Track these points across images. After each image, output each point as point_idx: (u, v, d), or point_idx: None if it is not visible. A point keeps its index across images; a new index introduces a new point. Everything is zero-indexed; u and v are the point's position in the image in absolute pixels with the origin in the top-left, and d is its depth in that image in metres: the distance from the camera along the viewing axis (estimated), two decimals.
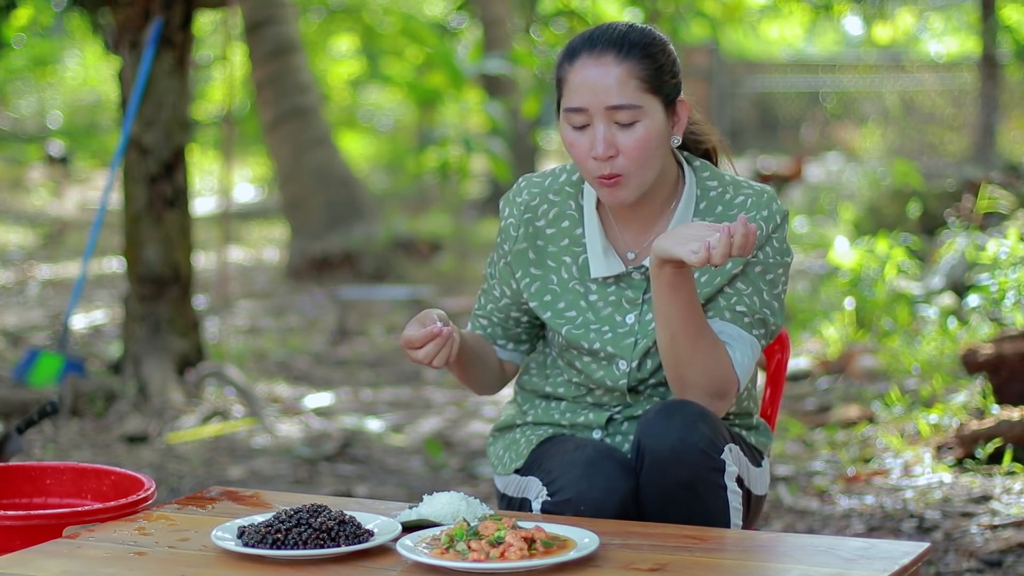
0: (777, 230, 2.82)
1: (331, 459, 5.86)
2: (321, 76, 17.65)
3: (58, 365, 6.52)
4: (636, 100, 2.72)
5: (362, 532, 2.48)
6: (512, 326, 2.97)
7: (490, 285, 2.97)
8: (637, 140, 2.72)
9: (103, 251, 11.03)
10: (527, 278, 2.90)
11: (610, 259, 2.84)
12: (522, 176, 2.97)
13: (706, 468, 2.66)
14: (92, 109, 20.22)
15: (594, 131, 2.73)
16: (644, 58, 2.73)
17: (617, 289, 2.85)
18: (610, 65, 2.72)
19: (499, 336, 2.98)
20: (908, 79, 18.49)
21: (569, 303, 2.86)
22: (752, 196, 2.83)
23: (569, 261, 2.88)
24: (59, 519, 2.73)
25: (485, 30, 14.66)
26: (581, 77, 2.73)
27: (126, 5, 6.55)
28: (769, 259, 2.81)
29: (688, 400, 2.71)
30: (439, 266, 11.59)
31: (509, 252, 2.91)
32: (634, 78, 2.72)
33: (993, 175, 9.34)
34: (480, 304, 3.00)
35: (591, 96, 2.72)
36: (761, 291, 2.81)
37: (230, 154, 9.45)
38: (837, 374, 6.81)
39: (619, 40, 2.74)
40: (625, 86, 2.71)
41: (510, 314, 2.95)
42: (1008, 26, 14.77)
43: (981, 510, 4.61)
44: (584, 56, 2.74)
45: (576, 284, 2.87)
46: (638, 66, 2.72)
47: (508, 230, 2.91)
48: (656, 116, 2.74)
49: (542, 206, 2.90)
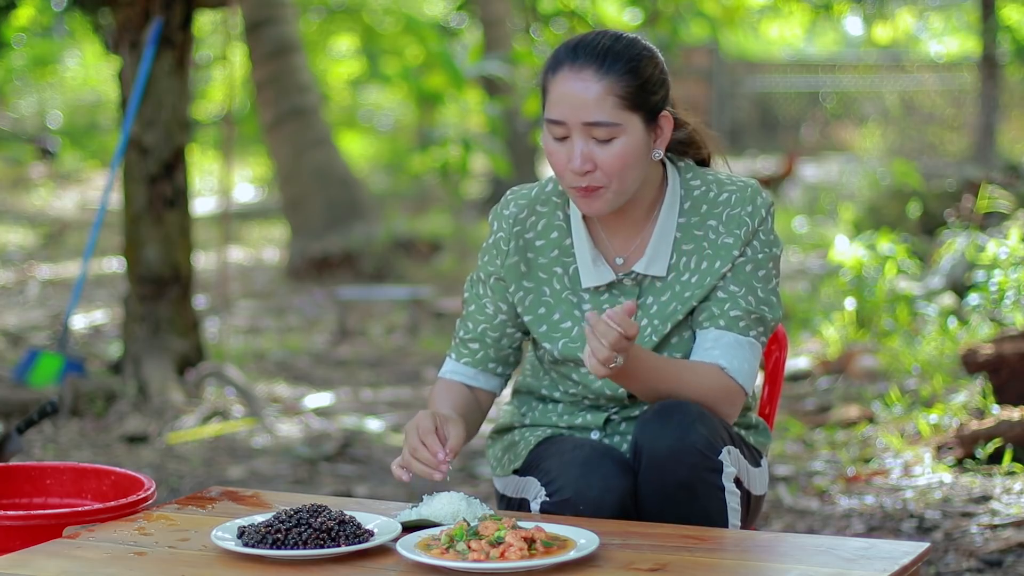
0: (763, 223, 2.82)
1: (331, 459, 5.86)
2: (321, 76, 17.64)
3: (58, 365, 6.52)
4: (614, 117, 2.70)
5: (362, 532, 2.48)
6: (505, 346, 2.91)
7: (479, 306, 2.91)
8: (614, 156, 2.71)
9: (103, 251, 11.02)
10: (520, 291, 2.87)
11: (600, 268, 2.83)
12: (509, 190, 2.95)
13: (704, 469, 2.66)
14: (92, 109, 20.21)
15: (572, 144, 2.71)
16: (625, 74, 2.70)
17: (610, 297, 2.84)
18: (589, 80, 2.70)
19: (490, 360, 2.91)
20: (908, 79, 18.49)
21: (564, 314, 2.85)
22: (736, 192, 2.83)
23: (560, 272, 2.86)
24: (59, 519, 2.73)
25: (485, 30, 14.66)
26: (561, 90, 2.72)
27: (126, 5, 6.56)
28: (758, 254, 2.81)
29: (686, 402, 2.71)
30: (439, 266, 11.59)
31: (502, 267, 2.88)
32: (613, 95, 2.69)
33: (993, 175, 9.34)
34: (468, 329, 2.92)
35: (569, 111, 2.71)
36: (755, 288, 2.81)
37: (230, 154, 9.44)
38: (837, 374, 6.81)
39: (601, 54, 2.71)
40: (603, 103, 2.69)
41: (505, 331, 2.90)
42: (1008, 26, 14.77)
43: (981, 510, 4.61)
44: (566, 68, 2.72)
45: (569, 294, 2.85)
46: (618, 83, 2.70)
47: (499, 244, 2.88)
48: (635, 132, 2.72)
49: (530, 218, 2.88)
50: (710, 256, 2.81)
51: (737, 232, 2.80)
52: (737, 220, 2.81)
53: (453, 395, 2.89)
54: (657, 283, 2.83)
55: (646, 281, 2.83)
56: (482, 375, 2.92)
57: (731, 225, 2.80)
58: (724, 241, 2.80)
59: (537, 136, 14.72)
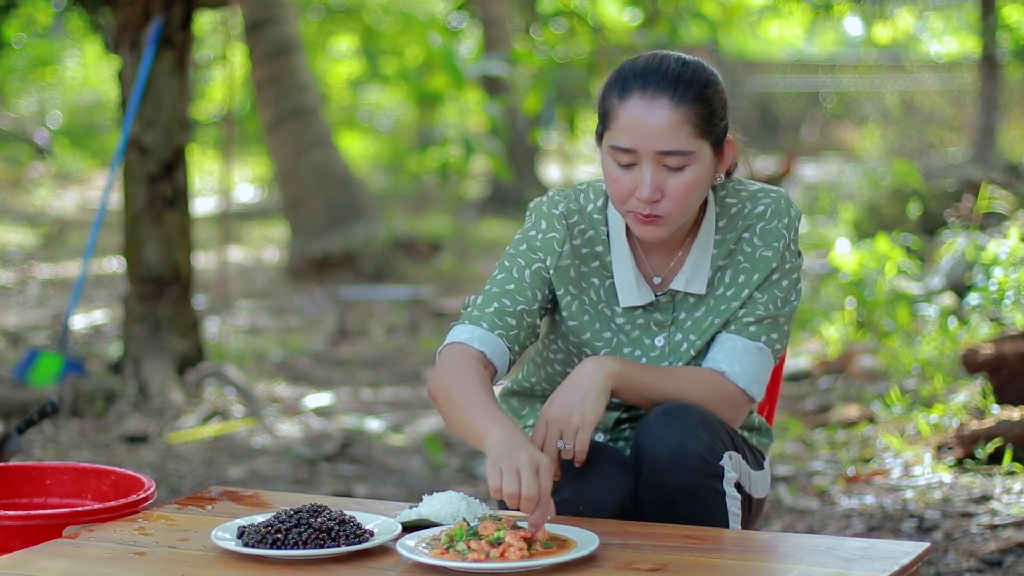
0: (795, 234, 2.83)
1: (331, 459, 5.86)
2: (321, 76, 17.64)
3: (58, 365, 6.52)
4: (688, 146, 2.66)
5: (362, 532, 2.48)
6: (532, 335, 2.82)
7: (521, 287, 2.78)
8: (685, 184, 2.67)
9: (103, 251, 11.02)
10: (568, 296, 2.82)
11: (642, 288, 2.80)
12: (552, 191, 2.88)
13: (704, 474, 2.66)
14: (92, 109, 20.20)
15: (642, 172, 2.67)
16: (697, 102, 2.67)
17: (645, 314, 2.83)
18: (664, 108, 2.65)
19: (518, 341, 2.77)
20: (908, 79, 18.50)
21: (603, 325, 2.83)
22: (771, 205, 2.82)
23: (598, 284, 2.83)
24: (59, 519, 2.73)
25: (485, 30, 14.65)
26: (632, 117, 2.66)
27: (126, 5, 6.56)
28: (786, 264, 2.82)
29: (688, 405, 2.71)
30: (439, 266, 11.59)
31: (551, 266, 2.80)
32: (687, 123, 2.65)
33: (993, 175, 9.33)
34: (503, 305, 2.76)
35: (641, 139, 2.66)
36: (776, 297, 2.81)
37: (230, 154, 9.45)
38: (837, 374, 6.81)
39: (674, 81, 2.67)
40: (678, 131, 2.65)
41: (536, 320, 2.82)
42: (1008, 26, 14.76)
43: (981, 510, 4.61)
44: (636, 95, 2.67)
45: (604, 307, 2.83)
46: (691, 110, 2.66)
47: (551, 244, 2.80)
48: (705, 160, 2.69)
49: (580, 225, 2.83)
50: (747, 269, 2.80)
51: (775, 245, 2.80)
52: (775, 233, 2.80)
53: (486, 380, 2.68)
54: (691, 299, 2.82)
55: (679, 298, 2.82)
56: (506, 355, 2.75)
57: (768, 238, 2.80)
58: (763, 255, 2.79)
59: (537, 135, 14.73)
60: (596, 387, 2.64)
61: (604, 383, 2.65)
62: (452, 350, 2.73)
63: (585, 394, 2.64)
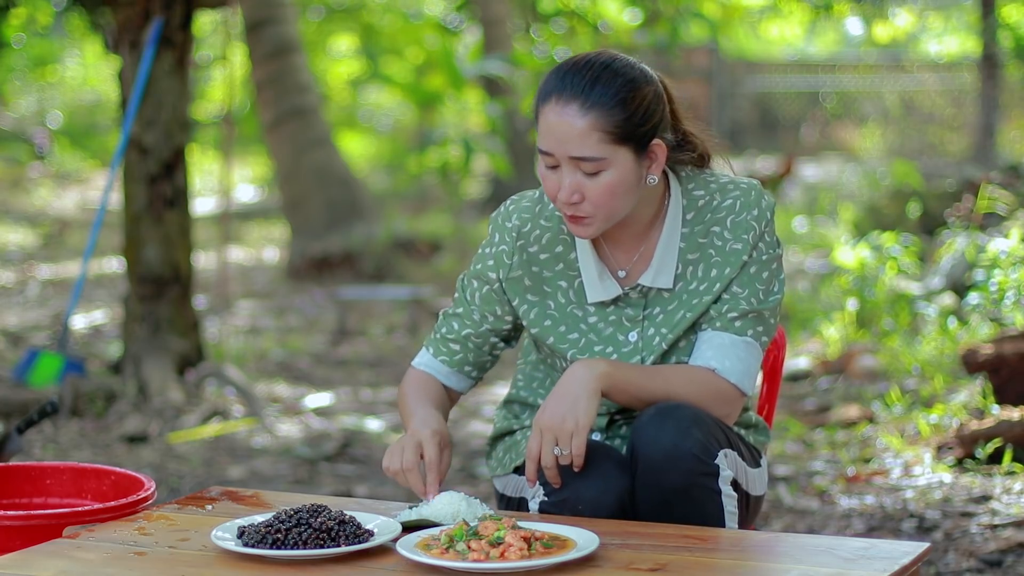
0: (768, 225, 2.82)
1: (331, 459, 5.86)
2: (321, 76, 17.64)
3: (58, 365, 6.52)
4: (599, 152, 2.66)
5: (362, 532, 2.48)
6: (485, 352, 2.91)
7: (467, 310, 2.89)
8: (603, 188, 2.68)
9: (103, 251, 11.02)
10: (524, 305, 2.85)
11: (606, 283, 2.82)
12: (509, 198, 2.92)
13: (699, 473, 2.66)
14: (92, 109, 20.20)
15: (561, 175, 2.70)
16: (612, 108, 2.66)
17: (616, 309, 2.83)
18: (574, 116, 2.66)
19: (467, 363, 2.91)
20: (908, 79, 18.49)
21: (570, 327, 2.84)
22: (740, 197, 2.81)
23: (565, 286, 2.84)
24: (59, 519, 2.73)
25: (485, 30, 14.65)
26: (547, 122, 2.69)
27: (126, 5, 6.55)
28: (763, 255, 2.81)
29: (682, 404, 2.71)
30: (439, 266, 11.59)
31: (503, 279, 2.86)
32: (598, 131, 2.66)
33: (993, 175, 9.33)
34: (452, 329, 2.90)
35: (556, 143, 2.68)
36: (757, 290, 2.80)
37: (230, 154, 9.44)
38: (837, 374, 6.81)
39: (588, 86, 2.66)
40: (587, 139, 2.66)
41: (488, 340, 2.90)
42: (1008, 25, 14.77)
43: (981, 510, 4.61)
44: (553, 100, 2.69)
45: (574, 308, 2.84)
46: (603, 118, 2.66)
47: (501, 257, 2.86)
48: (623, 165, 2.68)
49: (534, 231, 2.85)
50: (719, 263, 2.80)
51: (745, 237, 2.79)
52: (744, 225, 2.80)
53: (429, 389, 2.89)
54: (664, 294, 2.82)
55: (652, 293, 2.82)
56: (455, 375, 2.92)
57: (738, 231, 2.79)
58: (733, 247, 2.79)
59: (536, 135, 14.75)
60: (587, 391, 2.65)
61: (595, 386, 2.66)
62: (411, 375, 2.94)
63: (576, 399, 2.64)
